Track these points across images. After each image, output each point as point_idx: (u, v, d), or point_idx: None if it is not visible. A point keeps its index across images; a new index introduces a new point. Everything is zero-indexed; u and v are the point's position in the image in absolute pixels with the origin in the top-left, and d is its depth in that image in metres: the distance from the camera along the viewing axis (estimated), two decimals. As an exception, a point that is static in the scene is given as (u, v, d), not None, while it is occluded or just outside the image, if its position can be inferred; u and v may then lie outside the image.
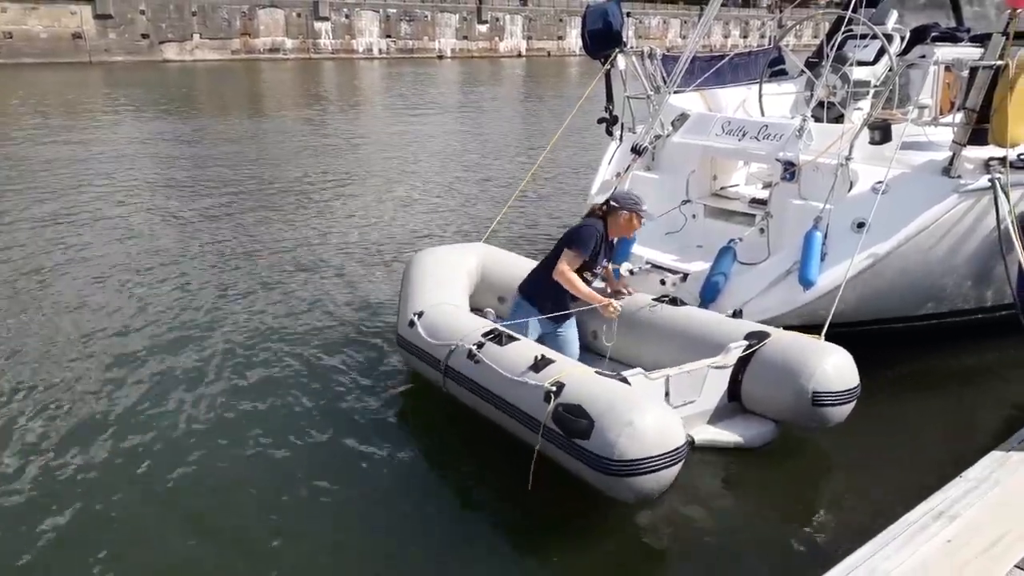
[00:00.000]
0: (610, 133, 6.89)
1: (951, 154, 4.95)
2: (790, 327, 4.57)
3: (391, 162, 13.73)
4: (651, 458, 3.42)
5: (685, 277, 5.40)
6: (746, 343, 4.32)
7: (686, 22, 59.27)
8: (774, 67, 7.67)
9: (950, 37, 7.27)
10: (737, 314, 4.87)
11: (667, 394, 4.11)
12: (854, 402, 4.18)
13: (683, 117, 6.53)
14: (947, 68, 5.42)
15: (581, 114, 7.22)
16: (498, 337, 4.26)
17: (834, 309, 4.49)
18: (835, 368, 4.11)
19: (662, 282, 5.40)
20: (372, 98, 25.80)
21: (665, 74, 6.69)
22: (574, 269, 4.47)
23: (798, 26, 8.09)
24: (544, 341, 4.52)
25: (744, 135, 6.03)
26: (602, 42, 6.60)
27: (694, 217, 6.22)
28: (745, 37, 60.35)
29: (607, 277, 4.89)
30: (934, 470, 3.90)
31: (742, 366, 4.31)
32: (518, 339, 4.30)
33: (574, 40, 53.94)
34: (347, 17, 46.03)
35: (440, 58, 48.97)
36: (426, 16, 49.35)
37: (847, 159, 5.21)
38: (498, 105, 24.53)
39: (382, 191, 11.33)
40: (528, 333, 4.50)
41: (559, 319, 4.67)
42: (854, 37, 6.31)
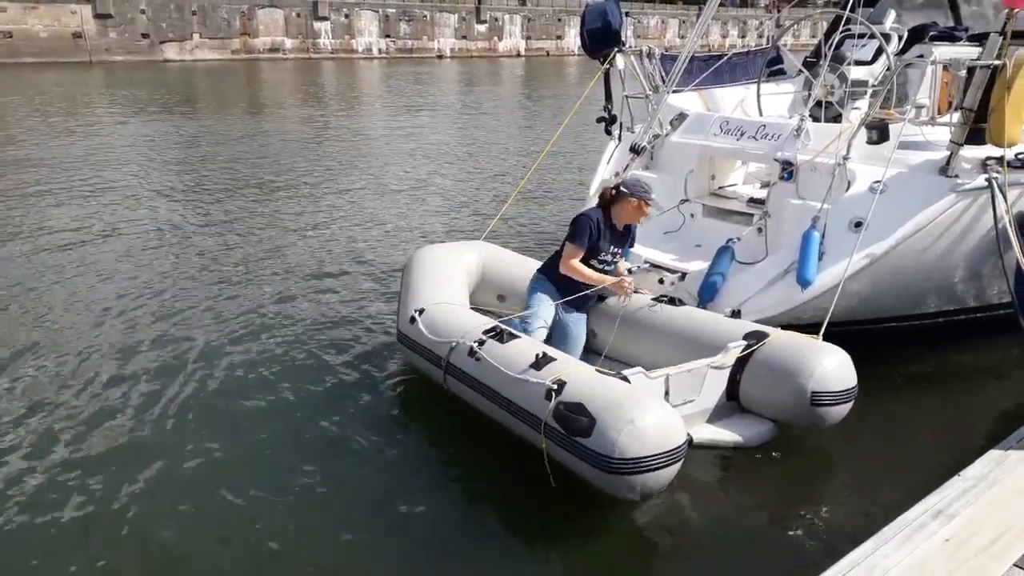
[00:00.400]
0: (609, 132, 6.89)
1: (948, 153, 4.95)
2: (788, 326, 4.58)
3: (391, 161, 13.73)
4: (652, 456, 3.43)
5: (683, 276, 5.41)
6: (745, 343, 4.33)
7: (684, 22, 59.31)
8: (772, 67, 7.68)
9: (948, 36, 7.27)
10: (736, 314, 4.88)
11: (667, 393, 4.12)
12: (852, 402, 4.19)
13: (681, 117, 6.54)
14: (945, 68, 5.42)
15: (580, 113, 7.23)
16: (499, 335, 4.27)
17: (832, 308, 4.51)
18: (834, 368, 4.12)
19: (660, 281, 5.41)
20: (371, 98, 25.81)
21: (664, 74, 6.71)
22: (579, 259, 4.62)
23: (796, 26, 8.10)
24: (555, 324, 4.68)
25: (742, 135, 6.04)
26: (601, 42, 6.61)
27: (692, 216, 6.23)
28: (743, 37, 60.36)
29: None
30: (932, 469, 3.91)
31: (740, 366, 4.32)
32: (519, 337, 4.32)
33: (573, 40, 53.95)
34: (346, 17, 46.04)
35: (439, 58, 48.99)
36: (425, 16, 49.37)
37: (845, 159, 5.22)
38: (497, 104, 24.54)
39: (381, 189, 11.34)
40: (543, 309, 4.64)
41: (572, 307, 4.77)
42: (852, 36, 6.32)
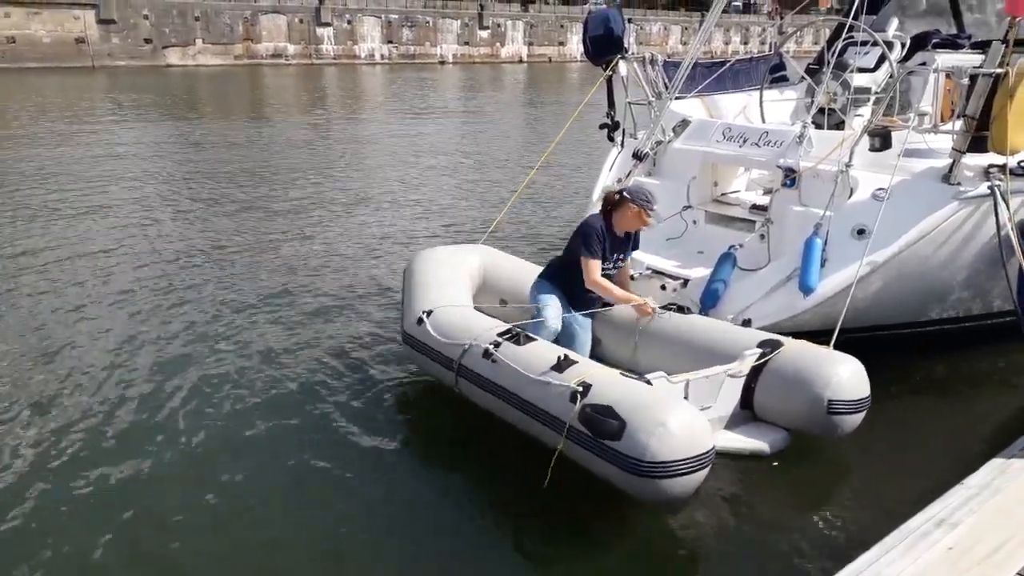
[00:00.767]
0: (611, 139, 6.90)
1: (951, 161, 4.95)
2: (790, 334, 4.57)
3: (392, 165, 13.76)
4: (683, 460, 3.40)
5: (686, 283, 5.40)
6: (760, 351, 4.31)
7: (687, 28, 59.41)
8: (775, 73, 7.68)
9: (951, 44, 7.27)
10: (747, 323, 4.87)
11: (686, 398, 4.10)
12: (866, 411, 4.19)
13: (684, 123, 6.55)
14: (947, 75, 5.42)
15: (582, 119, 7.24)
16: (516, 337, 4.24)
17: (842, 317, 4.49)
18: (850, 377, 4.11)
19: (663, 288, 5.41)
20: (374, 103, 25.86)
21: (666, 80, 6.72)
22: (600, 271, 4.65)
23: (799, 33, 8.11)
24: (562, 329, 4.69)
25: (745, 141, 6.04)
26: (604, 48, 6.62)
27: (695, 223, 6.23)
28: (746, 43, 60.48)
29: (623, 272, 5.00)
30: (935, 477, 3.89)
31: (755, 374, 4.30)
32: (536, 339, 4.30)
33: (575, 46, 54.02)
34: (349, 23, 46.17)
35: (442, 63, 49.09)
36: (428, 22, 49.50)
37: (847, 166, 5.21)
38: (499, 110, 24.58)
39: (382, 194, 11.35)
40: (552, 316, 4.65)
41: (580, 309, 4.80)
42: (855, 44, 6.32)
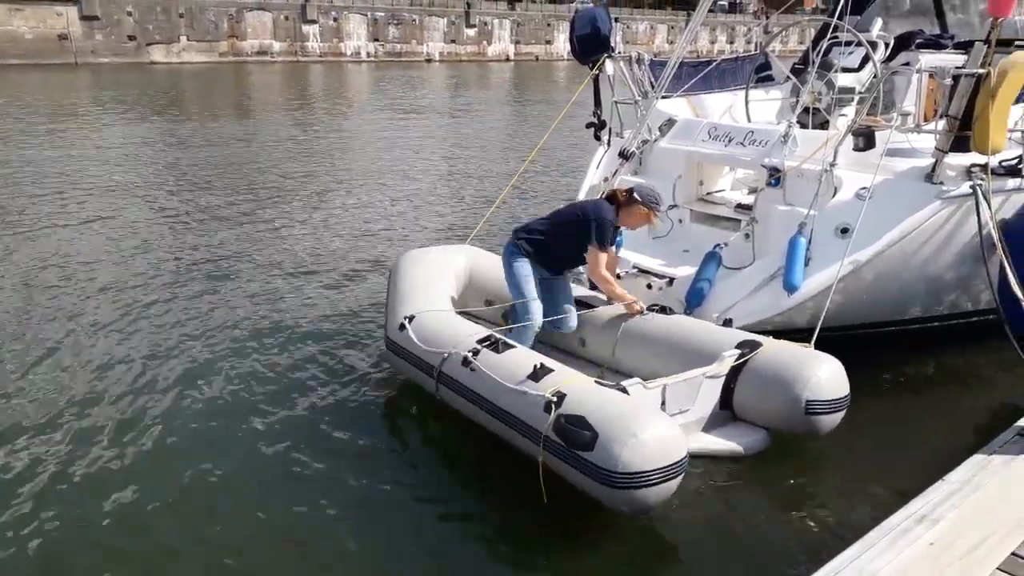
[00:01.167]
0: (598, 138, 6.91)
1: (934, 161, 4.99)
2: (774, 332, 4.59)
3: (377, 164, 13.71)
4: (655, 471, 3.41)
5: (671, 281, 5.42)
6: (738, 352, 4.33)
7: (673, 27, 59.54)
8: (760, 73, 7.71)
9: (934, 44, 7.33)
10: (728, 323, 4.89)
11: (663, 403, 4.12)
12: (845, 410, 4.22)
13: (670, 122, 6.57)
14: (931, 75, 5.47)
15: (568, 118, 7.24)
16: (494, 344, 4.24)
17: (823, 315, 4.53)
18: (828, 377, 4.13)
19: (648, 286, 5.43)
20: (360, 101, 25.75)
21: (653, 79, 6.73)
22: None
23: (784, 32, 8.14)
24: (545, 295, 4.84)
25: (730, 141, 6.07)
26: (590, 47, 6.63)
27: (680, 222, 6.25)
28: (731, 43, 60.69)
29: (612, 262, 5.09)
30: (917, 473, 3.92)
31: (734, 375, 4.32)
32: (515, 346, 4.29)
33: (562, 45, 54.00)
34: (335, 20, 45.93)
35: (428, 61, 48.95)
36: (414, 20, 49.33)
37: (831, 165, 5.25)
38: (486, 108, 24.54)
39: (367, 193, 11.32)
40: (530, 289, 4.75)
41: (550, 273, 4.93)
42: (839, 44, 6.36)
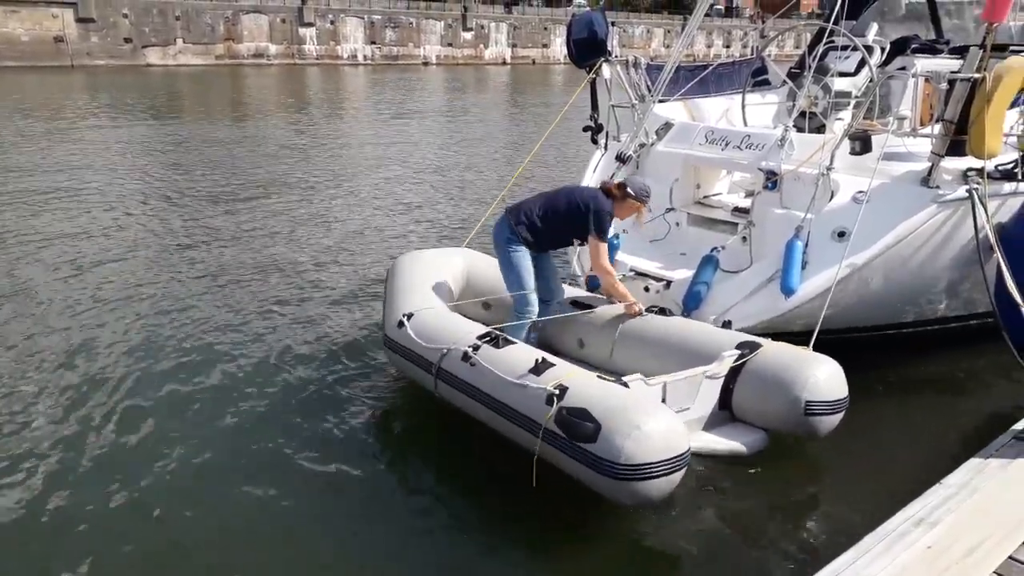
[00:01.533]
0: (595, 141, 6.92)
1: (930, 165, 5.00)
2: (771, 334, 4.60)
3: (374, 167, 13.71)
4: (658, 463, 3.42)
5: (669, 284, 5.43)
6: (738, 352, 4.34)
7: (669, 32, 59.69)
8: (757, 77, 7.74)
9: (929, 49, 7.37)
10: (727, 324, 4.90)
11: (663, 400, 4.12)
12: (844, 412, 4.22)
13: (667, 126, 6.58)
14: (926, 80, 5.49)
15: (565, 122, 7.24)
16: (495, 340, 4.26)
17: (821, 318, 4.53)
18: (827, 378, 4.14)
19: (646, 289, 5.43)
20: (357, 104, 25.76)
21: (649, 83, 6.75)
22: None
23: (780, 37, 8.18)
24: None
25: (727, 144, 6.08)
26: (587, 51, 6.64)
27: (677, 225, 6.26)
28: (728, 47, 60.86)
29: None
30: (914, 477, 3.93)
31: (733, 375, 4.33)
32: (515, 342, 4.32)
33: (559, 48, 54.14)
34: (332, 23, 45.97)
35: (425, 65, 49.00)
36: (411, 23, 49.40)
37: (828, 169, 5.26)
38: (483, 112, 24.57)
39: (364, 196, 11.31)
40: (528, 272, 4.83)
41: (543, 251, 5.00)
42: (835, 48, 6.39)
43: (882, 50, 7.18)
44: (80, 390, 5.09)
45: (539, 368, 3.91)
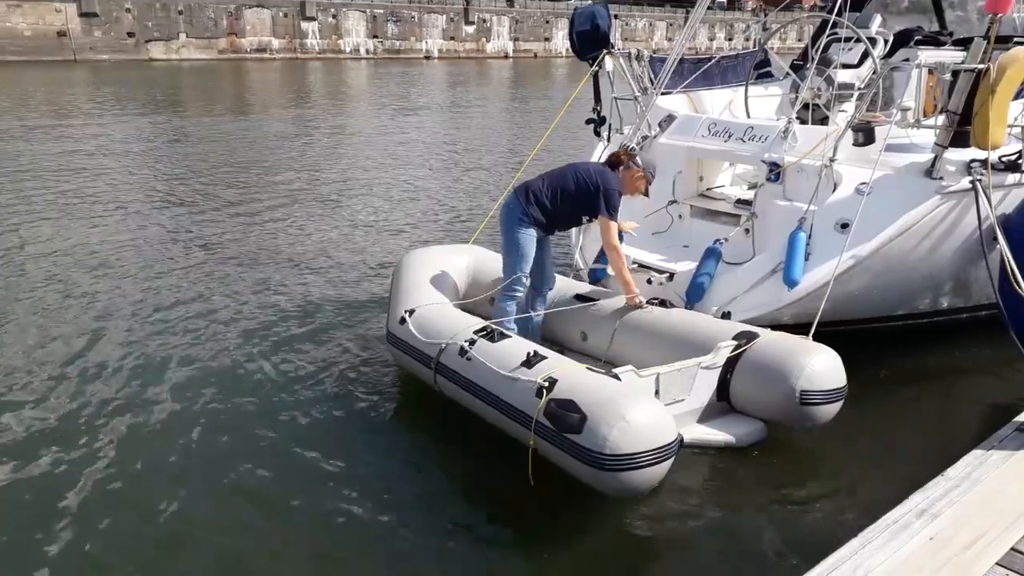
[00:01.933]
0: (598, 134, 6.91)
1: (933, 156, 4.99)
2: (774, 326, 4.60)
3: (378, 163, 13.70)
4: (643, 453, 3.43)
5: (671, 276, 5.43)
6: (735, 343, 4.34)
7: (672, 24, 59.52)
8: (760, 70, 7.72)
9: (933, 41, 7.34)
10: (726, 315, 4.90)
11: (657, 392, 4.13)
12: (841, 402, 4.21)
13: (670, 119, 6.57)
14: (930, 71, 5.47)
15: (568, 115, 7.22)
16: (490, 334, 4.28)
17: (821, 309, 4.53)
18: (823, 367, 4.13)
19: (649, 281, 5.43)
20: (360, 98, 25.74)
21: (652, 76, 6.73)
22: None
23: (782, 29, 8.15)
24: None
25: (730, 136, 6.07)
26: (590, 44, 6.62)
27: (680, 217, 6.26)
28: (730, 40, 60.65)
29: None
30: (916, 468, 3.93)
31: (730, 366, 4.33)
32: (510, 336, 4.35)
33: (561, 42, 54.02)
34: (334, 17, 45.90)
35: (427, 59, 48.92)
36: (413, 17, 49.30)
37: (831, 160, 5.25)
38: (486, 106, 24.53)
39: (368, 192, 11.31)
40: (528, 256, 4.83)
41: (549, 233, 5.03)
42: (839, 40, 6.36)
43: (885, 42, 7.15)
44: (82, 382, 5.12)
45: (531, 361, 3.95)
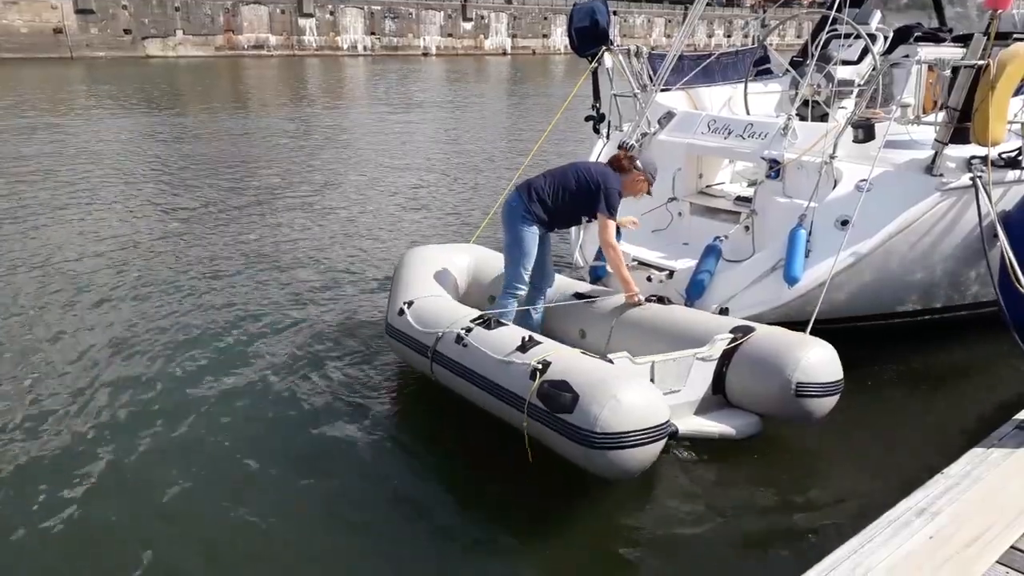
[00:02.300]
0: (597, 131, 6.90)
1: (934, 152, 4.98)
2: (775, 324, 4.59)
3: (376, 161, 13.67)
4: (634, 432, 3.44)
5: (671, 274, 5.42)
6: (731, 336, 4.35)
7: (670, 21, 59.47)
8: (759, 66, 7.72)
9: (933, 37, 7.33)
10: (724, 311, 4.90)
11: (652, 380, 4.12)
12: (837, 396, 4.20)
13: (669, 115, 6.56)
14: (930, 67, 5.46)
15: (567, 112, 7.20)
16: (487, 323, 4.33)
17: (819, 305, 4.53)
18: (819, 360, 4.12)
19: (648, 279, 5.43)
20: (357, 95, 25.70)
21: (652, 72, 6.72)
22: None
23: (781, 26, 8.14)
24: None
25: (730, 133, 6.06)
26: (589, 40, 6.61)
27: (680, 215, 6.25)
28: (729, 36, 60.61)
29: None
30: (916, 467, 3.93)
31: (727, 359, 4.32)
32: (506, 324, 4.39)
33: (559, 38, 53.96)
34: (331, 14, 45.81)
35: (425, 55, 48.84)
36: (411, 13, 49.21)
37: (831, 157, 5.24)
38: (484, 103, 24.50)
39: (367, 190, 11.27)
40: (531, 254, 4.86)
41: (549, 230, 5.04)
42: (838, 37, 6.35)
43: (885, 38, 7.14)
44: (85, 379, 5.10)
45: (525, 346, 4.00)
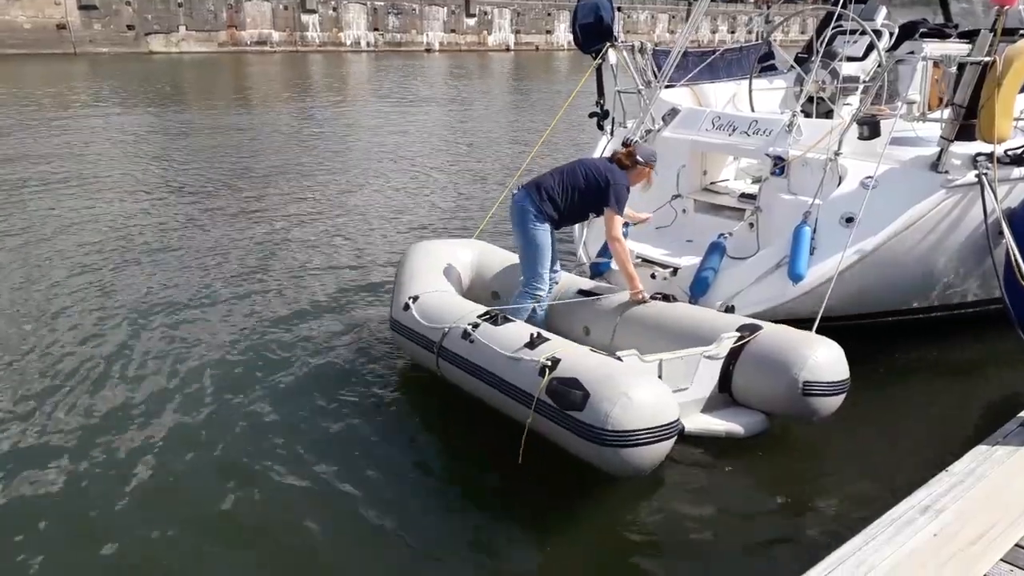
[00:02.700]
0: (601, 127, 6.89)
1: (939, 149, 4.97)
2: (779, 321, 4.58)
3: (380, 156, 13.66)
4: (645, 430, 3.44)
5: (675, 271, 5.42)
6: (738, 334, 4.34)
7: (674, 17, 59.30)
8: (764, 63, 7.69)
9: (938, 33, 7.31)
10: (730, 309, 4.89)
11: (659, 378, 4.11)
12: (844, 394, 4.20)
13: (673, 112, 6.54)
14: (935, 64, 5.45)
15: (571, 108, 7.19)
16: (494, 318, 4.32)
17: (824, 303, 4.52)
18: (826, 359, 4.12)
19: (652, 276, 5.42)
20: (361, 91, 25.67)
21: (656, 69, 6.71)
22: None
23: (786, 22, 8.12)
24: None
25: (734, 130, 6.05)
26: (593, 36, 6.60)
27: (684, 212, 6.24)
28: (733, 32, 60.42)
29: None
30: (920, 464, 3.92)
31: (733, 358, 4.32)
32: (513, 320, 4.37)
33: (562, 34, 53.82)
34: (334, 10, 45.74)
35: (428, 51, 48.76)
36: (414, 9, 49.12)
37: (836, 154, 5.23)
38: (488, 99, 24.47)
39: (370, 186, 11.28)
40: (546, 251, 4.90)
41: (558, 227, 5.06)
42: (843, 33, 6.33)
43: (891, 34, 7.12)
44: (80, 377, 5.11)
45: (534, 343, 3.99)
